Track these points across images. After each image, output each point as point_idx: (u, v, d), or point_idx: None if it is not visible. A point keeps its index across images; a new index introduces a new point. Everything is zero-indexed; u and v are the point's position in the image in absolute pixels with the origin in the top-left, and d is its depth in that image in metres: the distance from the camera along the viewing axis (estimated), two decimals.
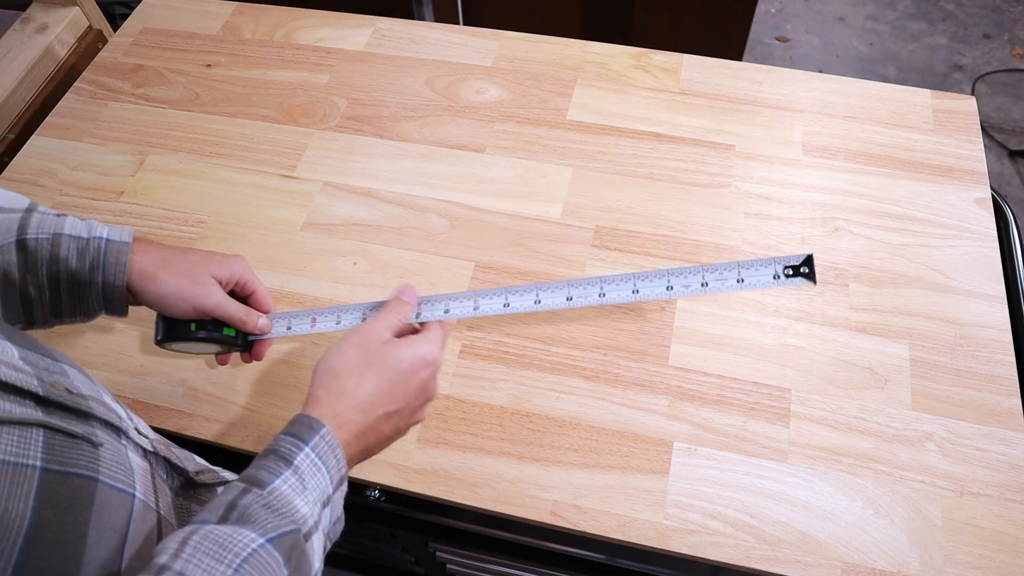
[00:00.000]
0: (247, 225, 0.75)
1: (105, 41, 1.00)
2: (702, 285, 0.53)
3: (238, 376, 0.65)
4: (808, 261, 0.51)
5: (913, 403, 0.62)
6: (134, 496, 0.39)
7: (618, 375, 0.64)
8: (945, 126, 0.79)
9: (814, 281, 0.52)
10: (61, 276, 0.51)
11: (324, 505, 0.42)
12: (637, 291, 0.54)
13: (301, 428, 0.43)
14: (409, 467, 0.60)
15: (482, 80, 0.86)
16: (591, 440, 0.61)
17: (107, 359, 0.67)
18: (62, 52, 0.97)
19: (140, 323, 0.69)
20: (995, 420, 0.61)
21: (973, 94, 1.59)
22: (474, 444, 0.61)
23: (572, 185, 0.76)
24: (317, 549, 0.41)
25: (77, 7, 0.98)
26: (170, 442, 0.51)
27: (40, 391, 0.36)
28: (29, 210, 0.51)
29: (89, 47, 0.99)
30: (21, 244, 0.50)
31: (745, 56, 1.52)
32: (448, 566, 0.74)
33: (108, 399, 0.44)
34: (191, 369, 0.66)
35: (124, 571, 0.36)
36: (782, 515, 0.57)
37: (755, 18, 1.39)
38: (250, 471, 0.41)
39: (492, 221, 0.74)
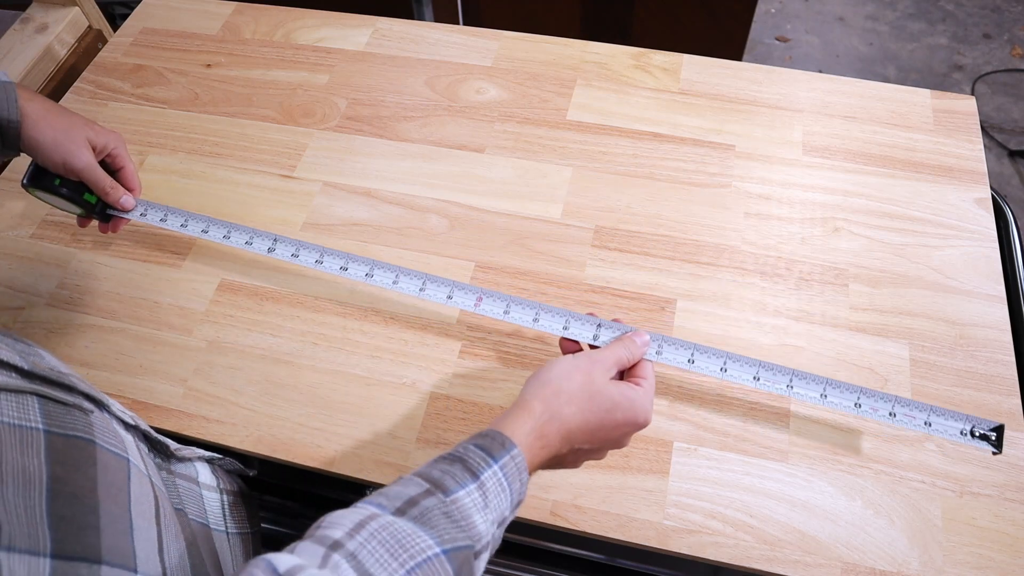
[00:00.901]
0: (247, 225, 0.75)
1: (105, 41, 1.00)
2: (890, 415, 0.54)
3: (238, 376, 0.65)
4: (999, 430, 0.52)
5: None
6: (128, 460, 0.40)
7: None
8: (945, 126, 0.79)
9: (999, 451, 0.52)
10: None
11: (499, 525, 0.41)
12: (825, 395, 0.54)
13: (493, 444, 0.42)
14: (409, 467, 0.60)
15: (482, 80, 0.86)
16: None
17: (107, 359, 0.67)
18: (62, 52, 0.97)
19: (140, 322, 0.69)
20: (995, 420, 0.61)
21: (973, 94, 1.59)
22: None
23: (572, 185, 0.76)
24: (482, 567, 0.40)
25: (77, 7, 0.98)
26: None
27: (25, 366, 0.38)
28: None
29: (89, 47, 0.99)
30: None
31: (745, 56, 1.52)
32: None
33: (84, 380, 0.45)
34: (191, 369, 0.66)
35: (134, 530, 0.37)
36: (782, 515, 0.57)
37: (755, 18, 1.39)
38: (433, 473, 0.40)
39: (492, 221, 0.74)
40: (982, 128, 0.96)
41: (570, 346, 0.54)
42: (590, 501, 0.58)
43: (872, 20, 2.19)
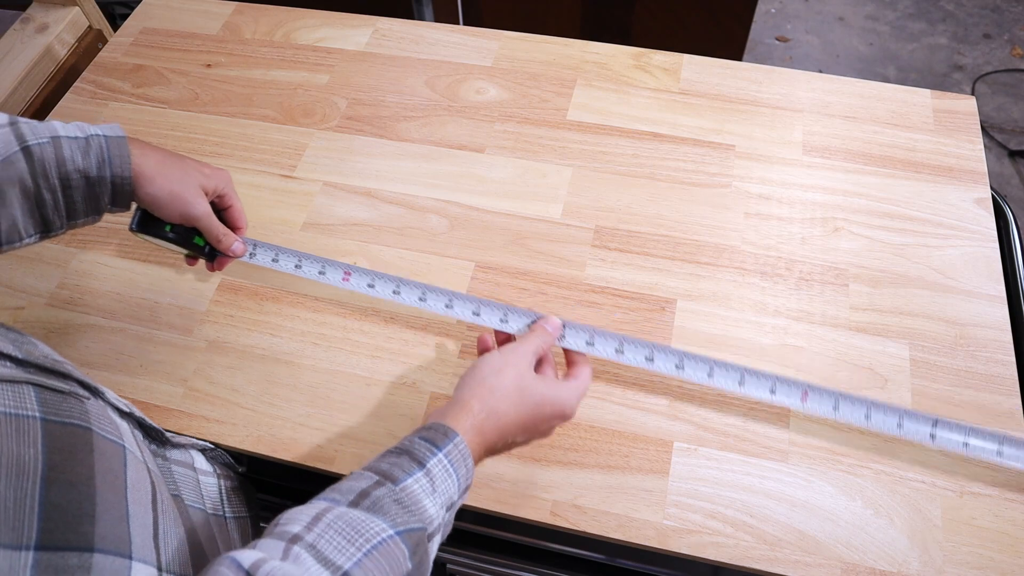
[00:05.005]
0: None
1: (105, 41, 1.00)
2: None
3: (238, 376, 0.65)
4: None
5: (913, 403, 0.62)
6: (124, 447, 0.40)
7: (618, 375, 0.64)
8: (945, 126, 0.79)
9: None
10: (72, 176, 0.52)
11: (448, 509, 0.43)
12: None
13: (436, 435, 0.45)
14: None
15: (482, 80, 0.86)
16: (591, 440, 0.61)
17: (107, 359, 0.67)
18: (62, 52, 0.97)
19: (140, 322, 0.69)
20: (995, 420, 0.61)
21: (973, 94, 1.59)
22: None
23: (572, 185, 0.76)
24: (435, 549, 0.42)
25: (77, 7, 0.98)
26: None
27: (19, 355, 0.38)
28: (14, 122, 0.52)
29: (89, 47, 0.99)
30: (26, 151, 0.50)
31: (745, 56, 1.52)
32: (448, 566, 0.74)
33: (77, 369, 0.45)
34: (191, 369, 0.66)
35: (131, 516, 0.37)
36: (782, 515, 0.57)
37: (755, 18, 1.39)
38: (382, 466, 0.42)
39: (492, 221, 0.74)
40: (982, 128, 0.96)
41: (485, 343, 0.56)
42: (590, 501, 0.58)
43: (872, 20, 2.19)
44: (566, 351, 0.56)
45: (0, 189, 0.49)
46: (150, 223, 0.58)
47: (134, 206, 0.57)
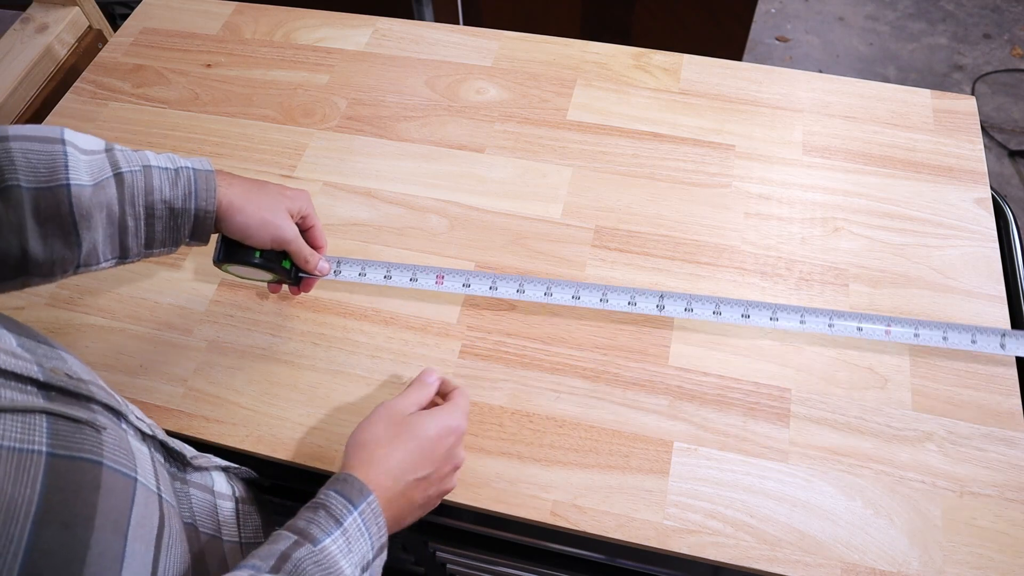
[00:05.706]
0: None
1: (105, 41, 1.00)
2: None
3: (238, 376, 0.65)
4: None
5: (913, 403, 0.62)
6: (136, 479, 0.40)
7: (618, 375, 0.64)
8: (945, 126, 0.79)
9: None
10: (157, 205, 0.53)
11: (363, 570, 0.44)
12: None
13: (352, 490, 0.45)
14: None
15: (482, 80, 0.86)
16: (591, 440, 0.61)
17: (107, 359, 0.67)
18: (62, 52, 0.97)
19: (140, 322, 0.69)
20: (995, 420, 0.61)
21: (973, 94, 1.59)
22: (474, 444, 0.61)
23: (572, 185, 0.76)
24: None
25: (77, 7, 0.98)
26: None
27: (40, 376, 0.36)
28: (110, 149, 0.53)
29: (89, 47, 0.99)
30: (118, 177, 0.52)
31: (745, 56, 1.52)
32: (448, 566, 0.74)
33: (105, 385, 0.44)
34: (191, 369, 0.66)
35: (127, 555, 0.37)
36: (782, 515, 0.57)
37: (755, 18, 1.39)
38: (299, 523, 0.43)
39: (492, 221, 0.74)
40: (982, 128, 0.96)
41: None
42: (590, 501, 0.58)
43: (872, 20, 2.19)
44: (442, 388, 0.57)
45: (88, 212, 0.50)
46: (236, 252, 0.58)
47: (213, 240, 0.58)
